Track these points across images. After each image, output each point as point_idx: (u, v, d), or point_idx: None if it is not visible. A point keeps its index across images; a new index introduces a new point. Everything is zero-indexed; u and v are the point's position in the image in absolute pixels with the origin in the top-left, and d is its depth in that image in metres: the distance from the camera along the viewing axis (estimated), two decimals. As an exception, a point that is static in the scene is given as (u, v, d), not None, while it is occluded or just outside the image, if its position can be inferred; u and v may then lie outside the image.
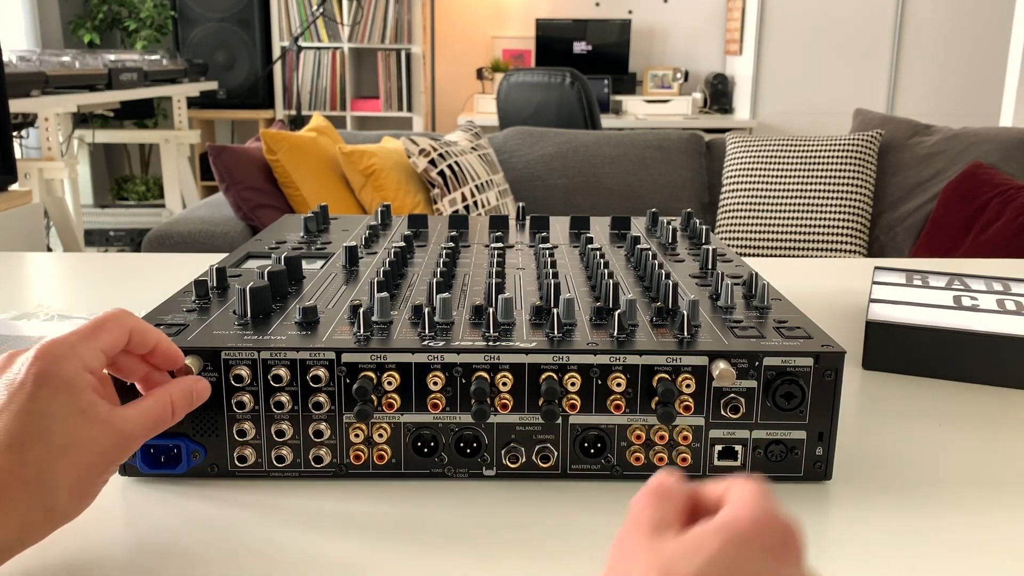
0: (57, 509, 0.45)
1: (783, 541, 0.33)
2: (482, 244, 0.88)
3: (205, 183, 4.81)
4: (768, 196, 2.91)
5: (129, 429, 0.48)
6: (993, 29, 4.78)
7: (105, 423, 0.47)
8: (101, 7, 4.66)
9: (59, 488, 0.45)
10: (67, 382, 0.46)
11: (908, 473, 0.61)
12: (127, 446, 0.48)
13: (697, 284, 0.73)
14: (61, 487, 0.45)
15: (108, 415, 0.47)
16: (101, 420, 0.46)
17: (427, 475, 0.59)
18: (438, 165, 2.70)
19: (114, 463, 0.48)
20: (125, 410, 0.48)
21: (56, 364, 0.46)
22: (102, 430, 0.46)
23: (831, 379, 0.57)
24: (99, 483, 0.48)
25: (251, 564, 0.49)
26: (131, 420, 0.48)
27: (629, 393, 0.57)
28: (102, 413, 0.47)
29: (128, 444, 0.48)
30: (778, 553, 0.33)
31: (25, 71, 2.77)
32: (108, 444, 0.47)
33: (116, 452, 0.47)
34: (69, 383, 0.46)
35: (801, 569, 0.33)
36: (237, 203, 2.62)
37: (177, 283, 0.76)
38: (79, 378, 0.46)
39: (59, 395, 0.45)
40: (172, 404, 0.51)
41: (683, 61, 5.48)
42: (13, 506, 0.43)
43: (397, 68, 5.11)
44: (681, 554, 0.32)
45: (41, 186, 2.79)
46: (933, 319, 0.81)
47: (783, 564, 0.32)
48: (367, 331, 0.58)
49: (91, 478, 0.47)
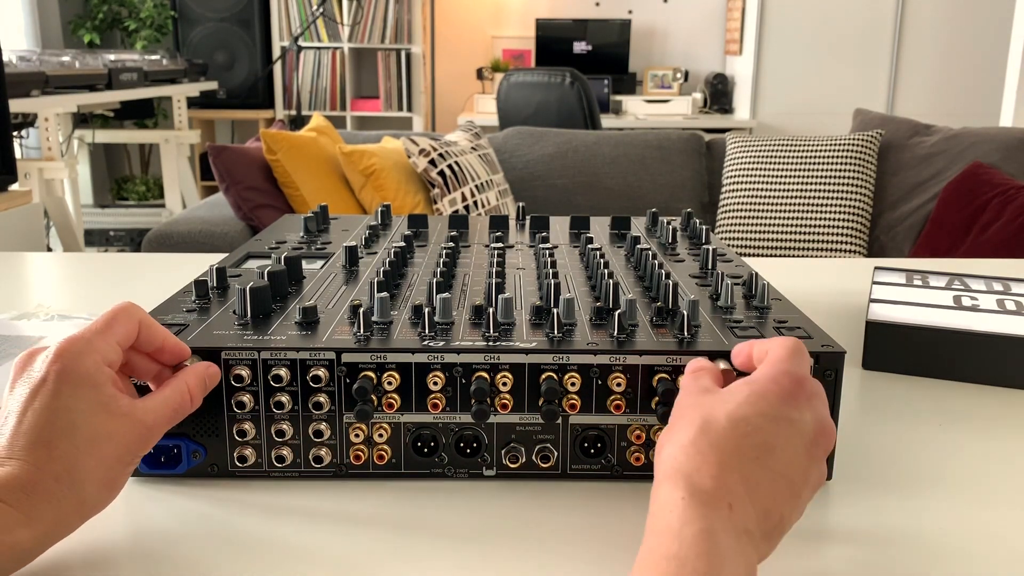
0: (87, 502, 0.46)
1: (792, 391, 0.45)
2: (482, 244, 0.88)
3: (205, 183, 4.81)
4: (768, 196, 2.91)
5: (151, 419, 0.49)
6: (993, 29, 4.78)
7: (128, 415, 0.48)
8: (101, 7, 4.66)
9: (88, 481, 0.46)
10: (88, 377, 0.47)
11: (908, 473, 0.61)
12: (150, 436, 0.49)
13: (697, 284, 0.73)
14: (90, 480, 0.46)
15: (130, 407, 0.48)
16: (124, 413, 0.48)
17: (427, 475, 0.59)
18: (438, 165, 2.70)
19: (139, 453, 0.49)
20: (145, 401, 0.50)
21: (76, 360, 0.47)
22: (126, 422, 0.48)
23: (831, 379, 0.57)
24: (125, 474, 0.49)
25: (251, 564, 0.49)
26: (151, 410, 0.49)
27: (629, 393, 0.57)
28: (124, 406, 0.48)
29: (151, 434, 0.49)
30: (787, 400, 0.45)
31: (25, 71, 2.77)
32: (132, 436, 0.48)
33: (140, 443, 0.49)
34: (90, 378, 0.47)
35: (806, 411, 0.45)
36: (237, 203, 2.62)
37: (177, 283, 0.76)
38: (99, 373, 0.48)
39: (81, 390, 0.46)
40: (190, 391, 0.52)
41: (683, 61, 5.48)
42: (47, 501, 0.44)
43: (397, 68, 5.11)
44: (716, 403, 0.45)
45: (41, 186, 2.79)
46: (933, 319, 0.81)
47: (791, 408, 0.45)
48: (367, 331, 0.58)
49: (118, 469, 0.48)
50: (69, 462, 0.45)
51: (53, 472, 0.44)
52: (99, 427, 0.46)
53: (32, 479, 0.44)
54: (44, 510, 0.44)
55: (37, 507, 0.43)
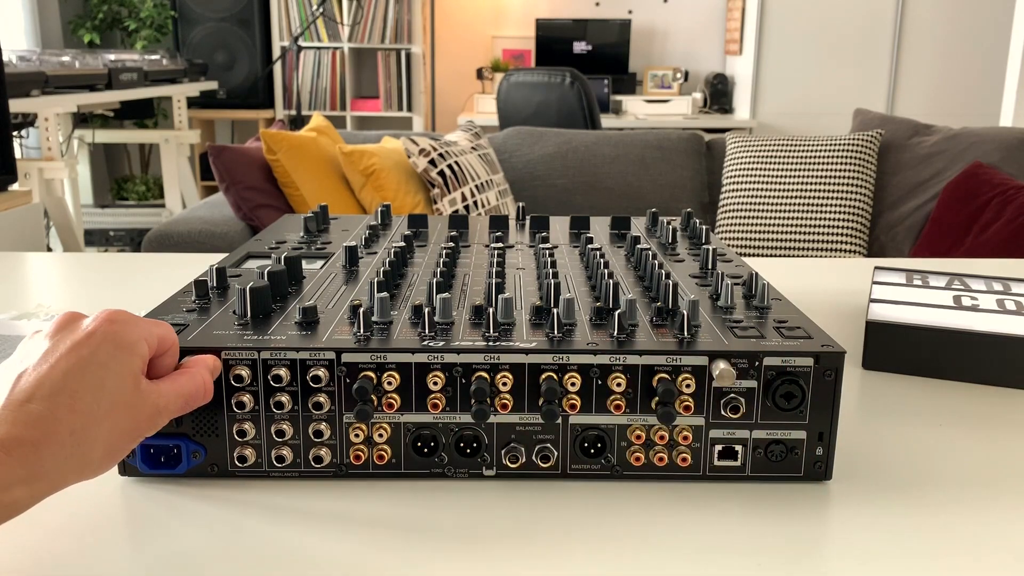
0: (90, 465, 0.47)
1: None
2: (482, 244, 0.88)
3: (205, 183, 4.81)
4: (768, 196, 2.91)
5: (164, 403, 0.50)
6: (993, 29, 4.78)
7: (146, 393, 0.49)
8: (101, 7, 4.66)
9: (98, 444, 0.46)
10: (130, 346, 0.49)
11: (908, 473, 0.61)
12: (159, 419, 0.50)
13: (697, 284, 0.73)
14: (100, 443, 0.47)
15: (148, 387, 0.50)
16: (144, 389, 0.49)
17: (427, 475, 0.59)
18: (438, 165, 2.70)
19: (144, 433, 0.50)
20: (159, 384, 0.51)
21: (125, 326, 0.49)
22: (144, 399, 0.49)
23: (831, 379, 0.57)
24: (126, 450, 0.50)
25: (251, 564, 0.49)
26: (165, 394, 0.51)
27: (629, 393, 0.57)
28: (145, 383, 0.50)
29: (160, 417, 0.50)
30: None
31: (25, 71, 2.77)
32: (144, 413, 0.49)
33: (148, 423, 0.50)
34: (132, 346, 0.49)
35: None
36: (237, 203, 2.62)
37: (177, 283, 0.76)
38: (140, 345, 0.50)
39: (121, 354, 0.48)
40: (204, 382, 0.53)
41: (683, 61, 5.48)
42: (53, 457, 0.44)
43: (397, 68, 5.11)
44: None
45: (41, 186, 2.79)
46: (933, 319, 0.81)
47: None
48: (367, 331, 0.58)
49: (123, 442, 0.49)
50: (87, 418, 0.46)
51: (71, 425, 0.45)
52: (123, 394, 0.48)
53: (46, 431, 0.44)
54: (48, 467, 0.44)
55: (42, 464, 0.44)
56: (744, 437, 0.58)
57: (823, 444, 0.58)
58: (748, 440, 0.58)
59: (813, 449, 0.58)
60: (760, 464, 0.58)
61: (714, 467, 0.58)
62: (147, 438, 0.57)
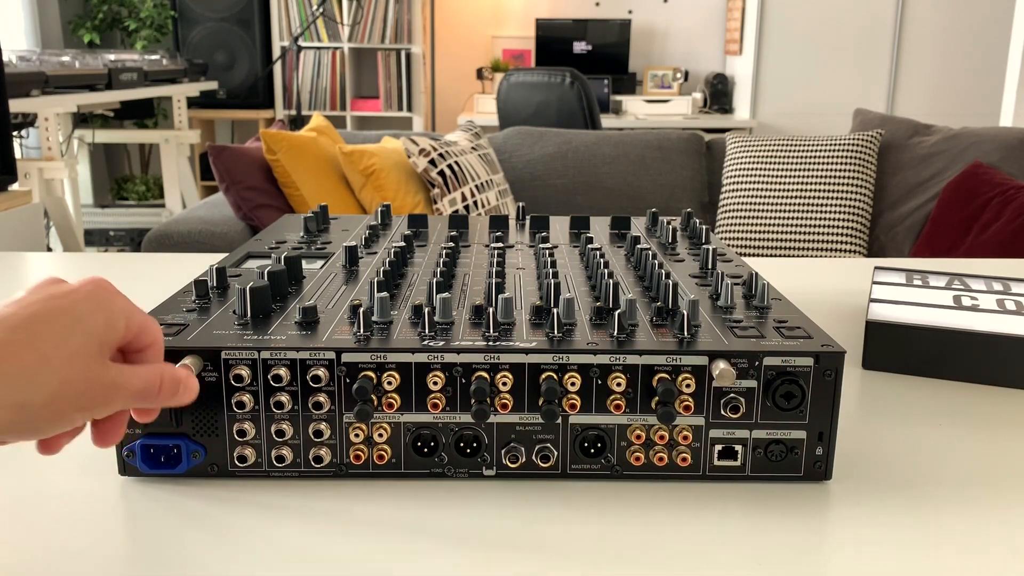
0: (27, 409, 0.43)
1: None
2: (482, 244, 0.88)
3: (205, 183, 4.81)
4: (768, 196, 2.91)
5: (123, 380, 0.47)
6: (993, 29, 4.78)
7: (108, 365, 0.47)
8: (101, 7, 4.66)
9: (44, 390, 0.44)
10: (109, 313, 0.47)
11: (908, 473, 0.61)
12: (114, 394, 0.47)
13: (697, 284, 0.73)
14: (46, 390, 0.44)
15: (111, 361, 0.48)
16: (106, 361, 0.47)
17: (427, 475, 0.59)
18: (438, 165, 2.70)
19: (95, 404, 0.47)
20: (121, 365, 0.48)
21: (110, 295, 0.48)
22: (105, 368, 0.47)
23: (831, 379, 0.57)
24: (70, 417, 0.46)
25: (251, 564, 0.49)
26: (124, 373, 0.48)
27: (629, 393, 0.57)
28: (109, 357, 0.48)
29: (116, 393, 0.47)
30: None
31: (25, 71, 2.76)
32: (101, 382, 0.46)
33: (102, 394, 0.47)
34: (110, 315, 0.47)
35: None
36: (237, 203, 2.62)
37: (177, 283, 0.76)
38: (118, 318, 0.48)
39: (96, 315, 0.47)
40: (161, 380, 0.50)
41: (683, 61, 5.48)
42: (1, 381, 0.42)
43: (397, 68, 5.11)
44: None
45: (41, 186, 2.79)
46: (933, 319, 0.81)
47: None
48: (367, 331, 0.58)
49: (70, 406, 0.45)
50: (41, 360, 0.43)
51: (22, 358, 0.43)
52: (85, 353, 0.45)
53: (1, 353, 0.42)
54: None
55: None
56: (744, 437, 0.58)
57: (823, 444, 0.58)
58: (748, 440, 0.58)
59: (813, 449, 0.58)
60: (760, 464, 0.58)
61: (714, 467, 0.58)
62: (147, 438, 0.57)
